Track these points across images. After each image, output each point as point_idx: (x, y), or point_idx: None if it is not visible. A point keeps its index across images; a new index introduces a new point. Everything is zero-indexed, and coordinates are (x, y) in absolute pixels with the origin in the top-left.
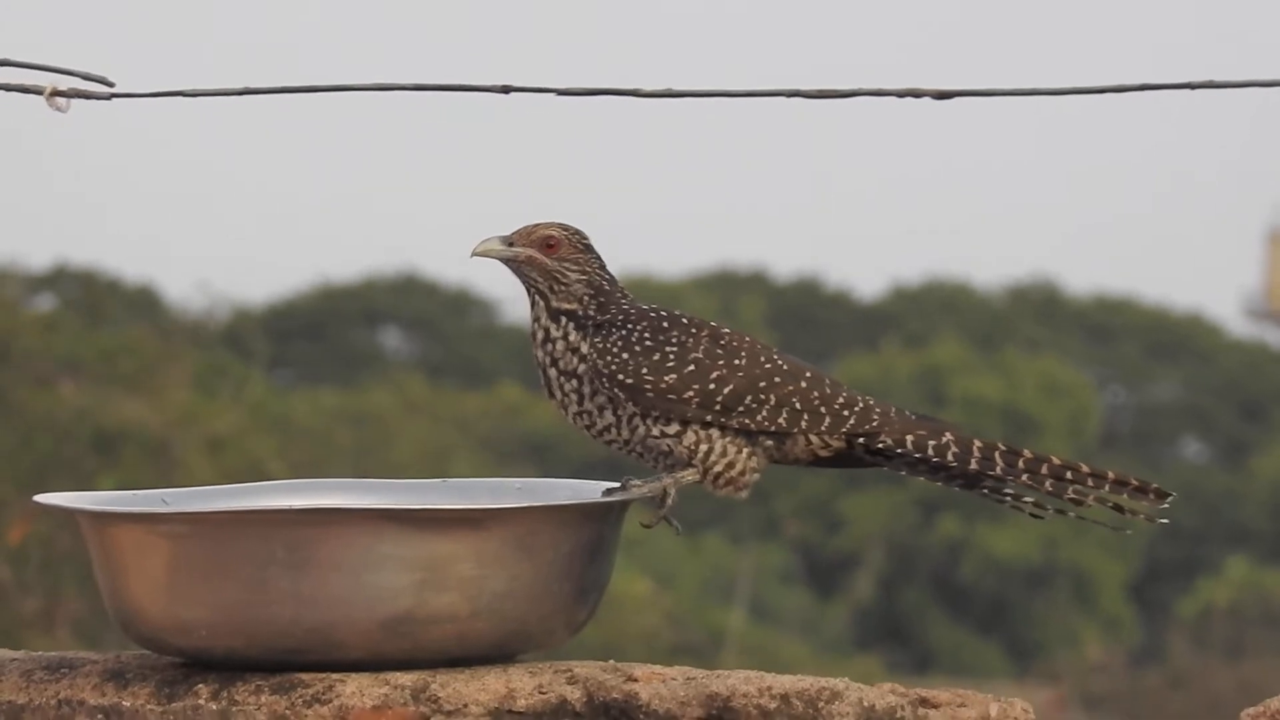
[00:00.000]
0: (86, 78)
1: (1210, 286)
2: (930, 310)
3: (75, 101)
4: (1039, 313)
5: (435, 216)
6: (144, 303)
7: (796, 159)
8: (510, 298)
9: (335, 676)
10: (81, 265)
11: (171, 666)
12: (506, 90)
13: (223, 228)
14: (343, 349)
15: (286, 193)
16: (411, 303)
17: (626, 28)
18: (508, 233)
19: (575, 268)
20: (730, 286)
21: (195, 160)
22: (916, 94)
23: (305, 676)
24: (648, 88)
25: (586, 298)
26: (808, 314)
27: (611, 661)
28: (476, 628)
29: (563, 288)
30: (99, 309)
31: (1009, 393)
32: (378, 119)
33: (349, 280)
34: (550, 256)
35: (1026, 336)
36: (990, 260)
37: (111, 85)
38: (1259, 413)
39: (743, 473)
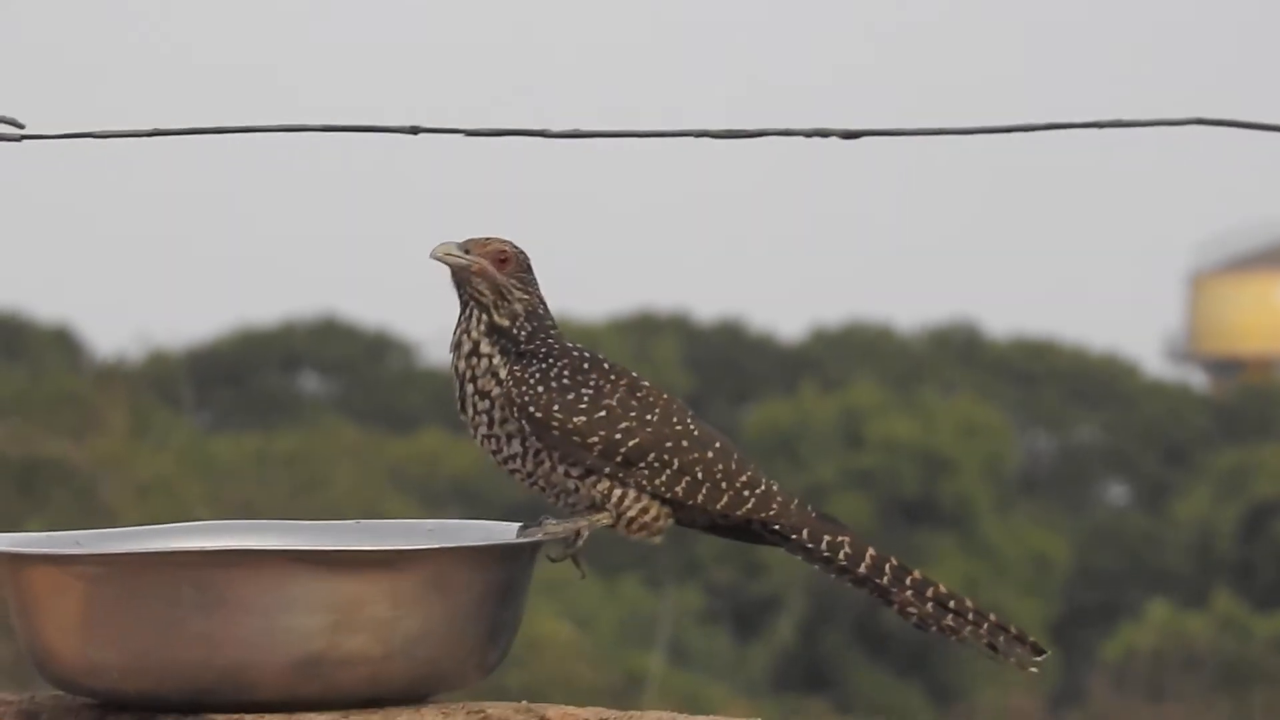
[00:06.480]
0: None
1: (1132, 330)
2: (850, 353)
3: None
4: (959, 356)
5: (354, 260)
6: (61, 344)
7: (715, 201)
8: (430, 340)
9: (248, 718)
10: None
11: (86, 707)
12: (415, 131)
13: (140, 270)
14: (261, 393)
15: (204, 235)
16: (330, 346)
17: (537, 69)
18: (460, 240)
19: (520, 287)
20: (649, 329)
21: (112, 203)
22: (824, 133)
23: (218, 718)
24: (556, 128)
25: (521, 318)
26: (727, 357)
27: (524, 702)
28: (389, 669)
29: (505, 304)
30: (18, 349)
31: (925, 434)
32: (287, 160)
33: (268, 324)
34: (501, 271)
35: (946, 379)
36: (911, 304)
37: (22, 127)
38: (1180, 455)
39: (657, 518)
